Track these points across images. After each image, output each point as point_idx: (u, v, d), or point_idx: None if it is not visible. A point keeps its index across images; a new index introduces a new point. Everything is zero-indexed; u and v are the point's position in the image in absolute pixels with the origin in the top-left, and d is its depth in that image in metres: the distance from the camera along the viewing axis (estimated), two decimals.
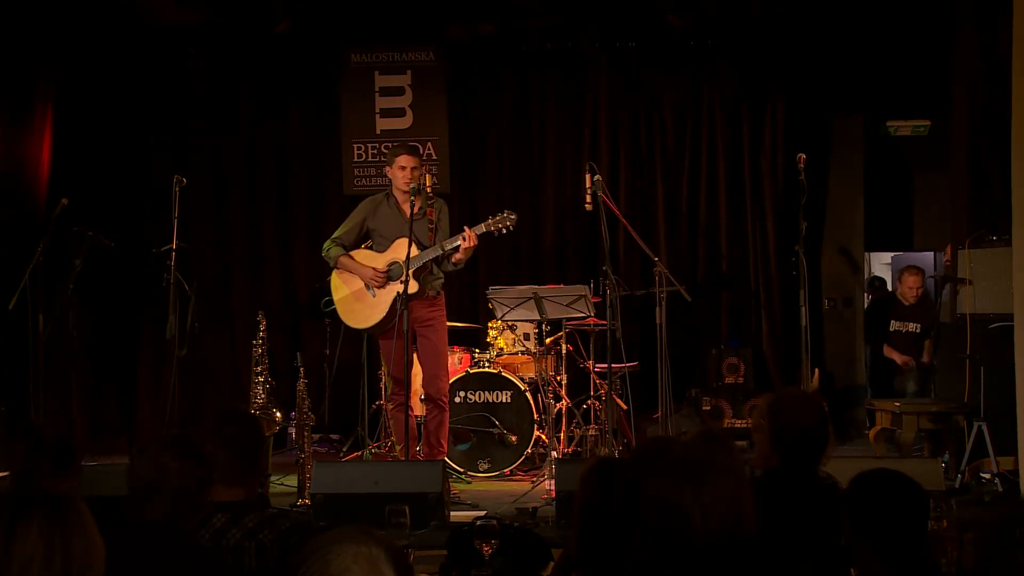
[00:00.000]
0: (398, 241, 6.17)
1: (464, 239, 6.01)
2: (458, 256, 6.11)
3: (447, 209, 6.38)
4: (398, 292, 5.94)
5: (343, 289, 6.34)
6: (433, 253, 6.10)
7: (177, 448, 2.57)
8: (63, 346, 6.85)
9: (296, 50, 8.42)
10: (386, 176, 6.40)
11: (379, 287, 6.19)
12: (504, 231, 6.18)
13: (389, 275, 6.17)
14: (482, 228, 6.11)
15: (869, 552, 2.51)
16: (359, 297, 6.27)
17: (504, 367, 7.01)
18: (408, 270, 5.83)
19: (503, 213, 6.15)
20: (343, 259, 6.30)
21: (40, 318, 6.67)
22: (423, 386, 6.34)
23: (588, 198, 6.21)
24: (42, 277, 6.63)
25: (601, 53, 8.51)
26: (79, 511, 1.87)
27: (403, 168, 6.17)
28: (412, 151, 6.38)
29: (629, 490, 1.74)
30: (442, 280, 6.34)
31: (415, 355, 6.29)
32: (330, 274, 6.43)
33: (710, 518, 1.66)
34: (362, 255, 6.34)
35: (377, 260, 6.27)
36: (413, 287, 5.98)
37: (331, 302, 6.42)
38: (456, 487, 6.21)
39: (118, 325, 8.26)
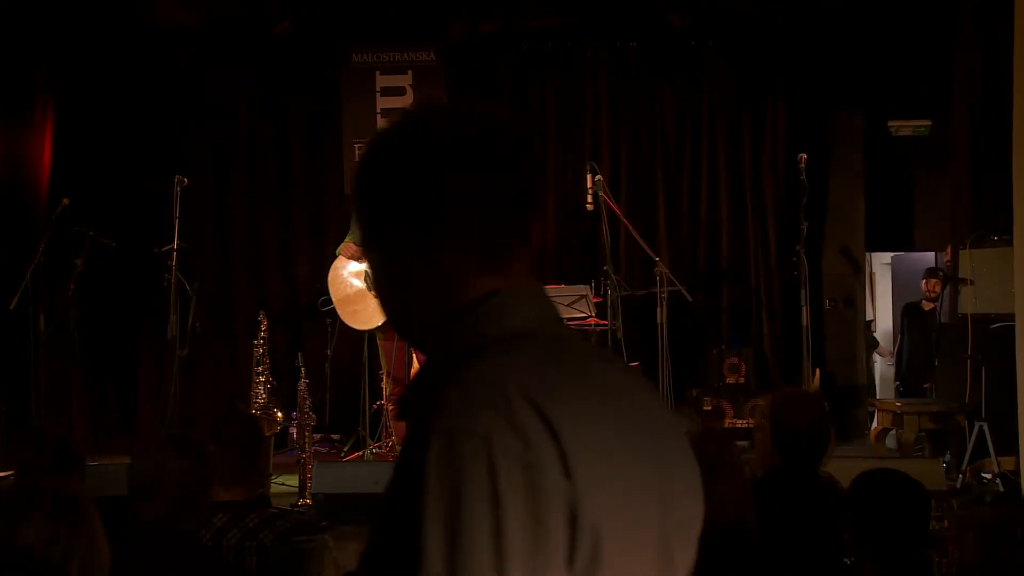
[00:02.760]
0: None
1: None
2: None
3: None
4: None
5: (342, 290, 6.34)
6: None
7: (177, 448, 2.57)
8: (64, 346, 6.85)
9: (296, 50, 8.41)
10: None
11: (356, 258, 6.20)
12: None
13: None
14: None
15: (869, 552, 2.51)
16: (361, 298, 6.27)
17: None
18: None
19: None
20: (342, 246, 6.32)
21: (41, 318, 6.67)
22: None
23: (589, 198, 6.22)
24: (43, 277, 6.63)
25: (602, 53, 8.50)
26: (87, 511, 1.88)
27: None
28: None
29: None
30: None
31: (415, 354, 6.29)
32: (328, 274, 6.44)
33: (718, 517, 1.66)
34: None
35: None
36: None
37: (329, 301, 6.43)
38: None
39: (119, 325, 8.26)
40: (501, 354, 1.12)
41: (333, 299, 6.38)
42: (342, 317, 6.38)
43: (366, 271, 6.22)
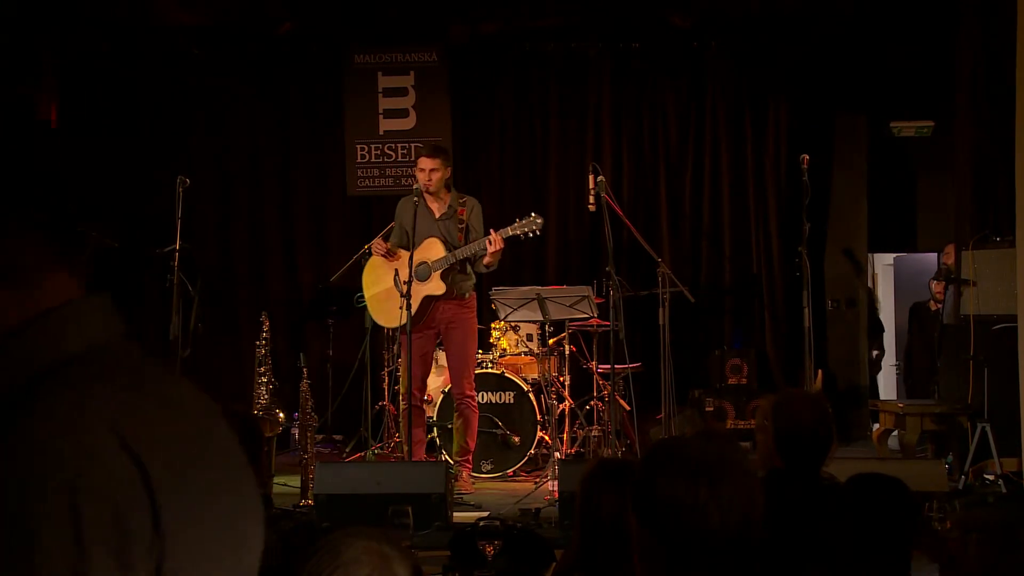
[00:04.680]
0: (427, 241, 6.14)
1: (490, 243, 5.97)
2: (487, 259, 6.07)
3: (480, 208, 6.31)
4: (427, 292, 6.00)
5: (373, 287, 6.34)
6: (461, 255, 6.07)
7: None
8: None
9: (299, 51, 8.43)
10: (389, 176, 6.41)
11: (380, 254, 6.20)
12: (531, 235, 6.13)
13: (417, 275, 6.09)
14: (508, 232, 6.04)
15: (857, 553, 2.51)
16: (389, 295, 6.23)
17: (507, 368, 7.00)
18: (419, 270, 5.83)
19: (530, 216, 6.08)
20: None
21: None
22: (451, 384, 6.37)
23: (591, 199, 6.21)
24: None
25: (604, 53, 8.51)
26: None
27: (422, 170, 6.16)
28: (433, 152, 6.29)
29: (641, 491, 1.72)
30: (473, 281, 6.29)
31: (440, 354, 6.32)
32: (362, 271, 6.44)
33: (727, 517, 1.66)
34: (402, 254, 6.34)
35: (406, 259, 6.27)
36: (440, 288, 6.00)
37: (363, 298, 6.43)
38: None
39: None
40: (82, 378, 0.99)
41: (365, 295, 6.37)
42: (372, 315, 6.39)
43: (395, 269, 6.21)
